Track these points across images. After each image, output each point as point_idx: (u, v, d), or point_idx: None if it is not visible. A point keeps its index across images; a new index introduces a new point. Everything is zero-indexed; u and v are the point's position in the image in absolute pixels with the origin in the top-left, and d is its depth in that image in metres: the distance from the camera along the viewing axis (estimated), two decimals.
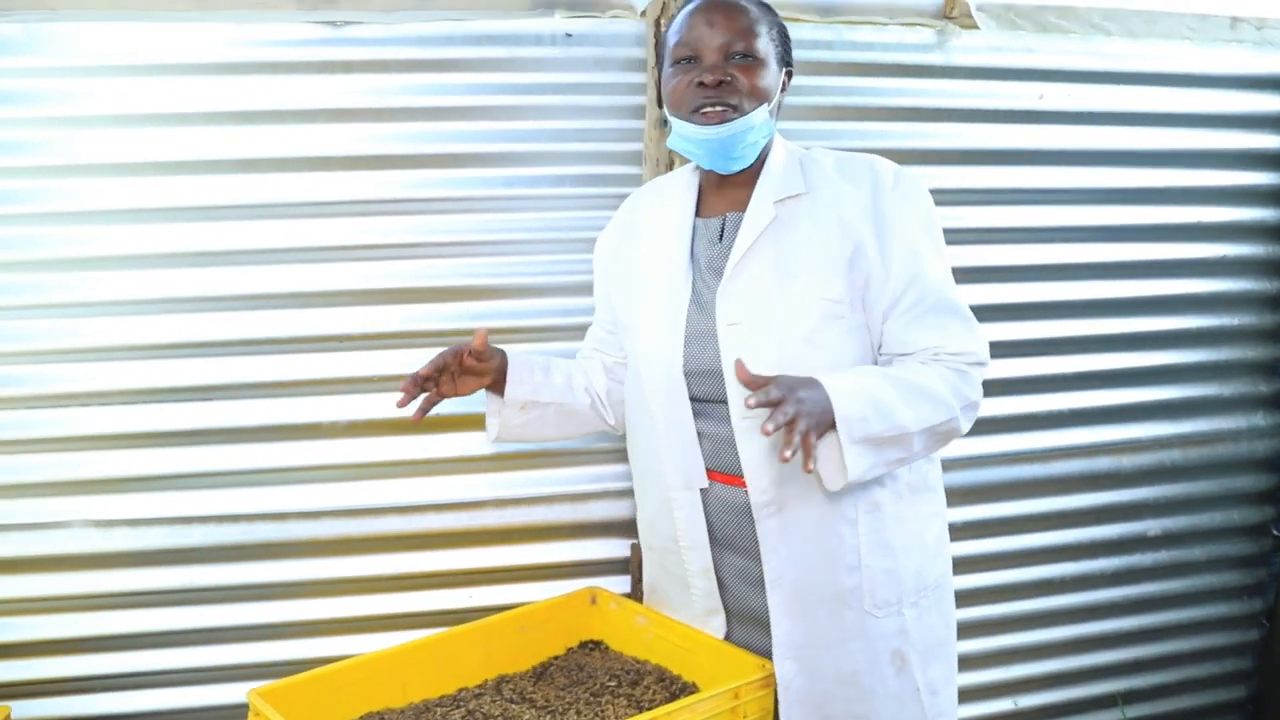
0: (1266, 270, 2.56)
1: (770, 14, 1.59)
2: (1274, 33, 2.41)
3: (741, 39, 1.52)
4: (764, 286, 1.54)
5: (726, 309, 1.55)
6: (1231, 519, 2.66)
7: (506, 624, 1.74)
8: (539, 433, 1.77)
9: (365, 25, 1.95)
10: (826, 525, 1.57)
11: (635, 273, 1.69)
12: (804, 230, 1.55)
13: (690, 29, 1.54)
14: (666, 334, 1.60)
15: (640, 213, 1.73)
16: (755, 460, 1.55)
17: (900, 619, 1.61)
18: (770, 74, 1.55)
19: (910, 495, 1.63)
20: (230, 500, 2.06)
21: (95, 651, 2.05)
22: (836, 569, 1.58)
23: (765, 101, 1.54)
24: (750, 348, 1.52)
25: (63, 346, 1.97)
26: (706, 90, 1.51)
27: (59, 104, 1.90)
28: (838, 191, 1.56)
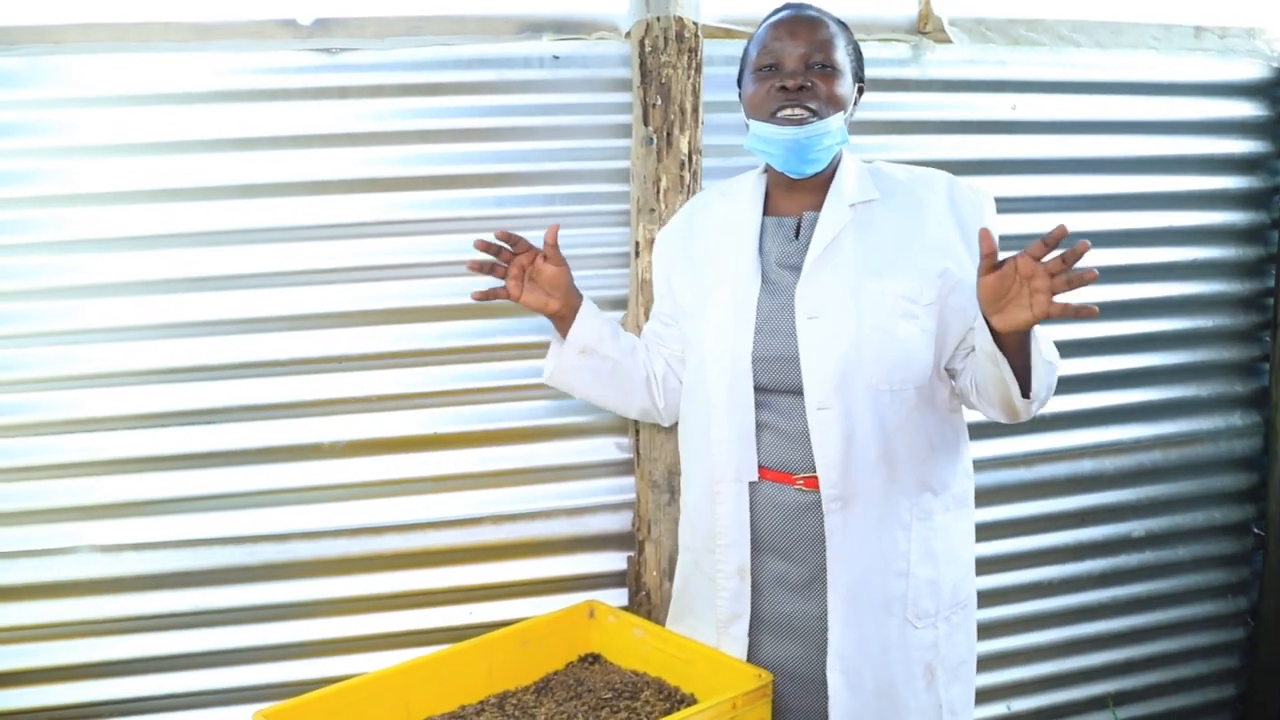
0: (1239, 272, 2.62)
1: (846, 31, 1.66)
2: (1237, 41, 2.48)
3: (821, 50, 1.59)
4: (844, 281, 1.59)
5: (806, 302, 1.59)
6: (1213, 518, 2.70)
7: (507, 640, 1.73)
8: (590, 386, 1.77)
9: (359, 51, 1.99)
10: (884, 526, 1.60)
11: (702, 264, 1.73)
12: (882, 232, 1.62)
13: (773, 39, 1.62)
14: (736, 320, 1.63)
15: (707, 210, 1.78)
16: (828, 449, 1.57)
17: (935, 632, 1.64)
18: (846, 84, 1.62)
19: (956, 508, 1.68)
20: (234, 522, 2.07)
21: (103, 677, 2.05)
22: (887, 574, 1.60)
23: (841, 110, 1.61)
24: (828, 338, 1.57)
25: (65, 373, 1.98)
26: (787, 94, 1.58)
27: (62, 134, 1.92)
28: (916, 199, 1.64)
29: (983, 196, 1.66)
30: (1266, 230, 2.62)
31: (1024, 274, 1.37)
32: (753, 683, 1.52)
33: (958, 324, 1.60)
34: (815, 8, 1.67)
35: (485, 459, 2.16)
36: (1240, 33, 2.49)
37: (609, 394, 1.80)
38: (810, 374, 1.58)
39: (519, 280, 1.64)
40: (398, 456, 2.12)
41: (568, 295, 1.68)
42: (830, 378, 1.57)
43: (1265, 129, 2.57)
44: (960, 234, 1.61)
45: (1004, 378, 1.47)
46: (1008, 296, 1.40)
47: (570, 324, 1.71)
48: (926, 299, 1.58)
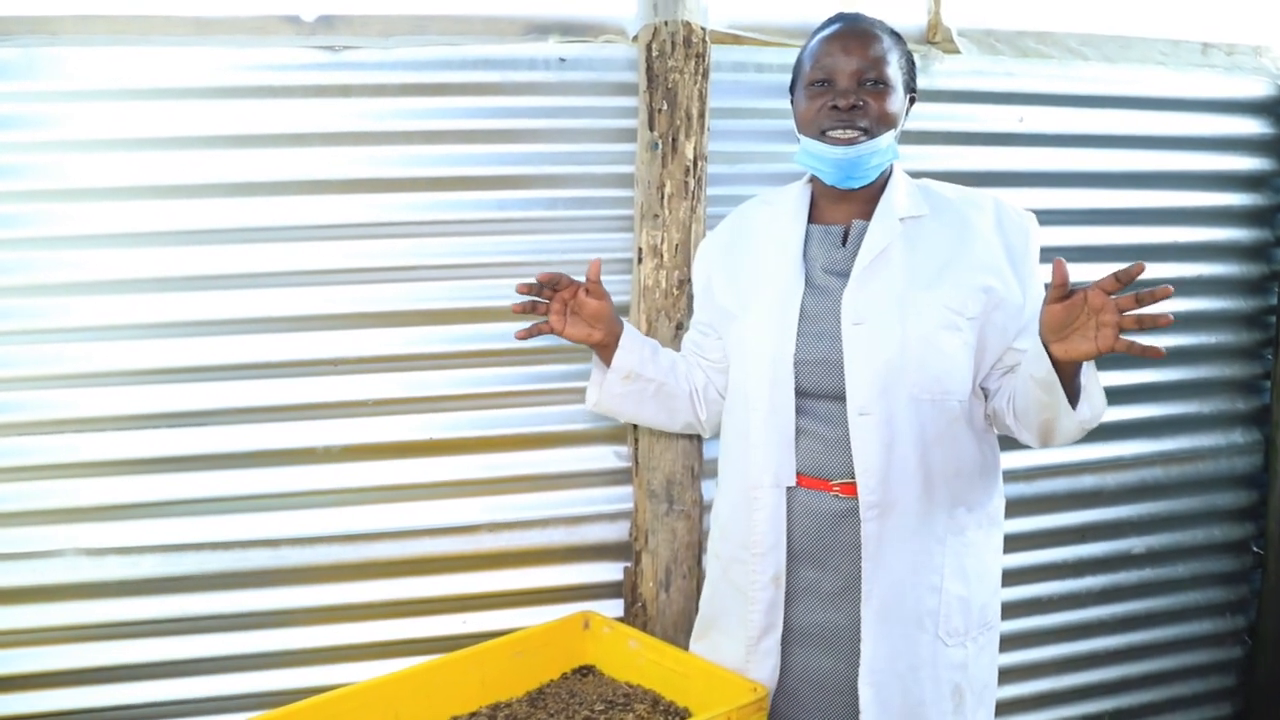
0: (1243, 289, 2.62)
1: (898, 41, 1.67)
2: (1243, 58, 2.48)
3: (874, 66, 1.60)
4: (891, 290, 1.60)
5: (853, 308, 1.61)
6: (1213, 536, 2.69)
7: (500, 650, 1.73)
8: (636, 409, 1.82)
9: (362, 50, 1.96)
10: (919, 538, 1.60)
11: (745, 268, 1.75)
12: (932, 247, 1.63)
13: (825, 55, 1.62)
14: (780, 322, 1.64)
15: (751, 219, 1.81)
16: (868, 455, 1.58)
17: (964, 651, 1.65)
18: (898, 100, 1.64)
19: (989, 526, 1.69)
20: (223, 527, 2.03)
21: (86, 684, 2.01)
22: (920, 588, 1.61)
23: (893, 126, 1.64)
24: (873, 345, 1.59)
25: (54, 372, 1.94)
26: (839, 114, 1.60)
27: (57, 128, 1.89)
28: (964, 218, 1.66)
29: (1028, 219, 1.70)
30: (1270, 248, 2.62)
31: (1093, 306, 1.37)
32: (748, 696, 1.52)
33: (996, 342, 1.62)
34: (868, 18, 1.67)
35: (482, 466, 2.14)
36: (1247, 50, 2.49)
37: (654, 415, 1.85)
38: (854, 379, 1.59)
39: (561, 315, 1.70)
40: (393, 462, 2.09)
41: (610, 325, 1.73)
42: (873, 384, 1.58)
43: (1270, 146, 2.57)
44: (1006, 255, 1.64)
45: (1055, 404, 1.47)
46: (1072, 326, 1.39)
47: (613, 351, 1.74)
48: (971, 312, 1.60)
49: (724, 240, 1.84)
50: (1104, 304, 1.35)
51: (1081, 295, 1.37)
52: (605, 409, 1.83)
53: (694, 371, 1.84)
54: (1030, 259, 1.68)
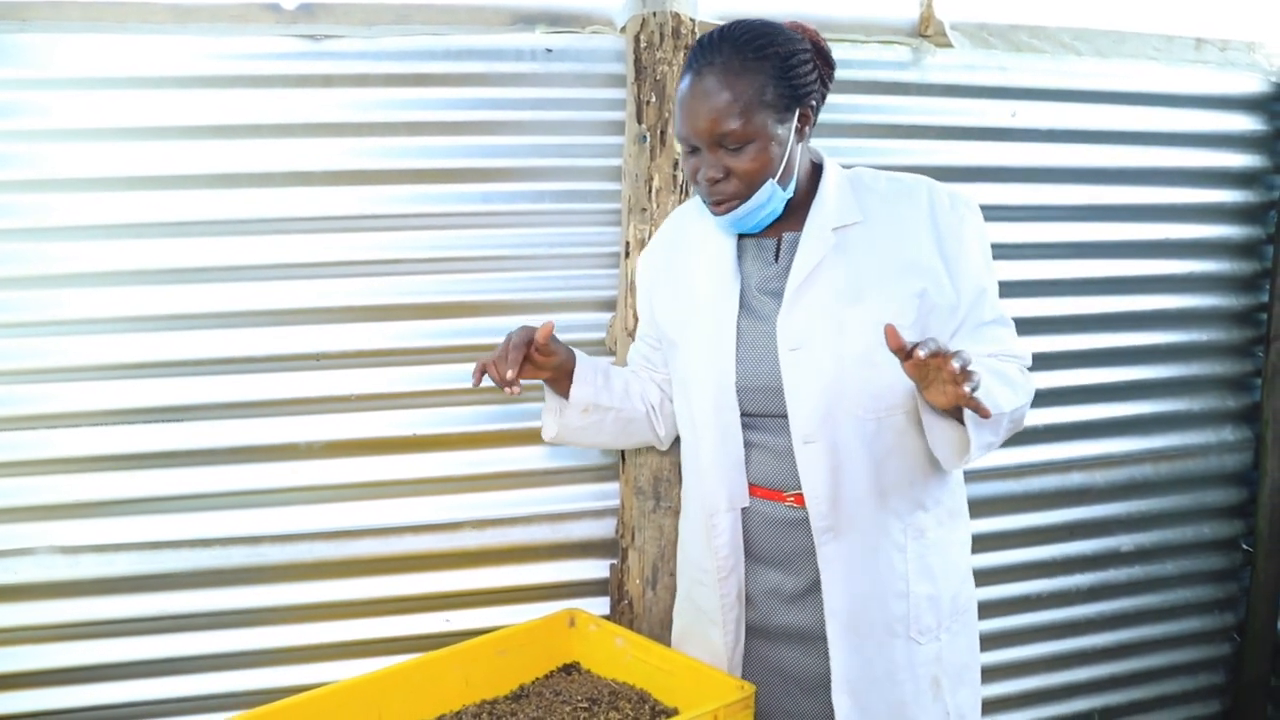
0: (1233, 286, 2.62)
1: (762, 64, 1.49)
2: (1237, 54, 2.47)
3: (728, 128, 1.48)
4: (825, 311, 1.55)
5: (788, 334, 1.57)
6: (1202, 533, 2.70)
7: (484, 648, 1.72)
8: (594, 438, 1.79)
9: (344, 39, 1.93)
10: (880, 551, 1.59)
11: (682, 288, 1.70)
12: (863, 257, 1.57)
13: (682, 118, 1.53)
14: (718, 349, 1.61)
15: (685, 228, 1.75)
16: (815, 482, 1.56)
17: (938, 644, 1.64)
18: (771, 146, 1.51)
19: (949, 521, 1.67)
20: (202, 524, 2.01)
21: (61, 684, 1.98)
22: (886, 595, 1.60)
23: (768, 178, 1.53)
24: (812, 370, 1.54)
25: (29, 366, 1.91)
26: (707, 186, 1.54)
27: (30, 117, 1.85)
28: (896, 217, 1.59)
29: (964, 206, 1.62)
30: (1261, 245, 2.62)
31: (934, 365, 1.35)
32: (735, 694, 1.52)
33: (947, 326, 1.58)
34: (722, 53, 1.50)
35: (466, 462, 2.12)
36: (1240, 46, 2.48)
37: (612, 439, 1.82)
38: (795, 406, 1.56)
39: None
40: (376, 458, 2.07)
41: (561, 364, 1.69)
42: (815, 410, 1.55)
43: (1263, 143, 2.57)
44: (938, 251, 1.57)
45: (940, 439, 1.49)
46: (928, 379, 1.38)
47: (566, 385, 1.71)
48: (907, 321, 1.54)
49: (661, 254, 1.79)
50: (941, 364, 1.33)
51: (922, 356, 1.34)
52: (564, 441, 1.80)
53: (648, 388, 1.82)
54: (965, 252, 1.59)
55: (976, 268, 1.59)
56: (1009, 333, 1.63)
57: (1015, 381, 1.55)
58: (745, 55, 1.49)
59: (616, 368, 1.80)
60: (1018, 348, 1.63)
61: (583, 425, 1.75)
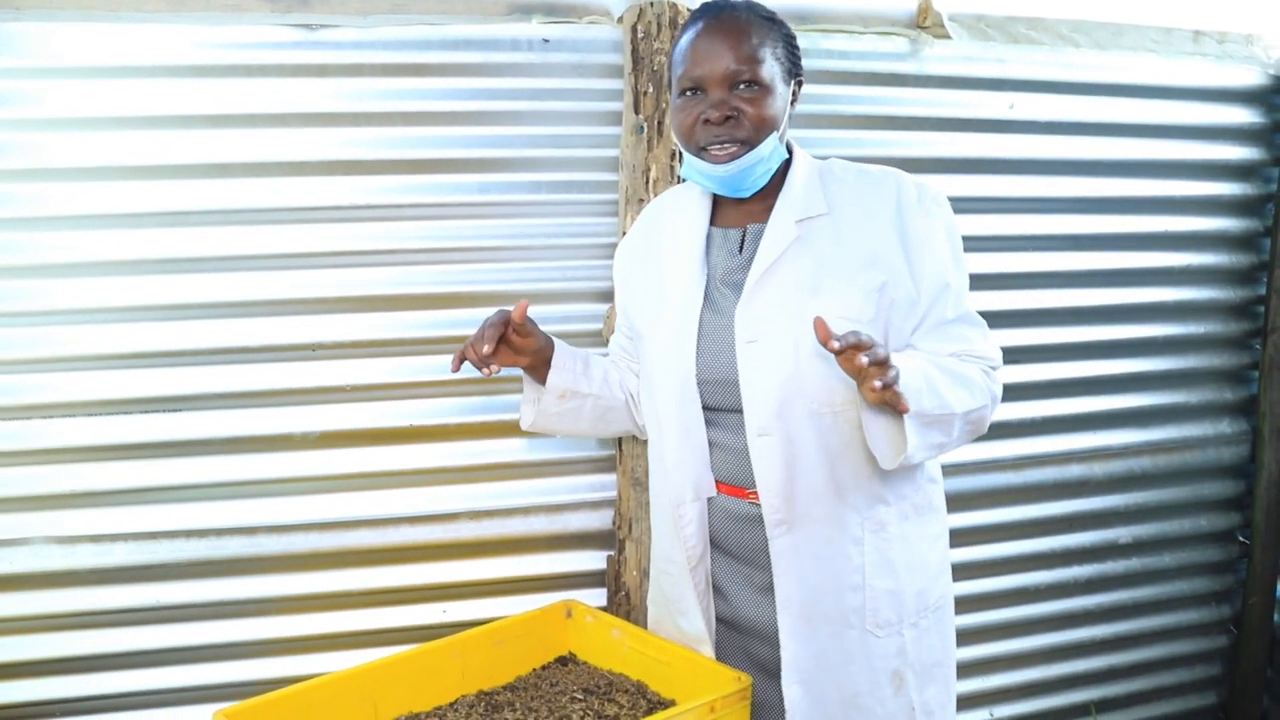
0: (1231, 278, 2.62)
1: (774, 27, 1.54)
2: (1235, 46, 2.47)
3: (746, 67, 1.49)
4: (783, 304, 1.53)
5: (745, 326, 1.55)
6: (1200, 525, 2.70)
7: (481, 639, 1.72)
8: (572, 425, 1.77)
9: (340, 29, 1.92)
10: (834, 544, 1.57)
11: (651, 280, 1.69)
12: (826, 250, 1.55)
13: (692, 60, 1.51)
14: (679, 342, 1.60)
15: (659, 221, 1.74)
16: (769, 475, 1.55)
17: (900, 639, 1.62)
18: (777, 99, 1.52)
19: (915, 516, 1.64)
20: (198, 514, 2.00)
21: (57, 674, 1.98)
22: (842, 588, 1.58)
23: (775, 129, 1.53)
24: (768, 363, 1.53)
25: (24, 356, 1.90)
26: (713, 128, 1.51)
27: (23, 106, 1.84)
28: (863, 209, 1.57)
29: (931, 200, 1.58)
30: (1259, 237, 2.62)
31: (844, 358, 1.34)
32: (731, 686, 1.51)
33: (895, 341, 1.55)
34: (737, 5, 1.54)
35: (463, 453, 2.11)
36: (1239, 38, 2.48)
37: (591, 428, 1.80)
38: (750, 399, 1.55)
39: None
40: (372, 448, 2.07)
41: (540, 350, 1.67)
42: (770, 403, 1.53)
43: (1260, 136, 2.57)
44: (901, 244, 1.54)
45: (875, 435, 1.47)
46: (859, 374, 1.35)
47: (544, 372, 1.69)
48: (867, 315, 1.52)
49: (635, 250, 1.77)
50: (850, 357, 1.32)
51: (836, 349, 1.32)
52: (542, 428, 1.78)
53: (627, 377, 1.81)
54: (929, 246, 1.56)
55: (940, 263, 1.55)
56: (976, 332, 1.59)
57: (972, 382, 1.52)
58: (761, 15, 1.54)
59: (597, 356, 1.79)
60: (983, 347, 1.59)
61: (559, 412, 1.74)
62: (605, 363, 1.80)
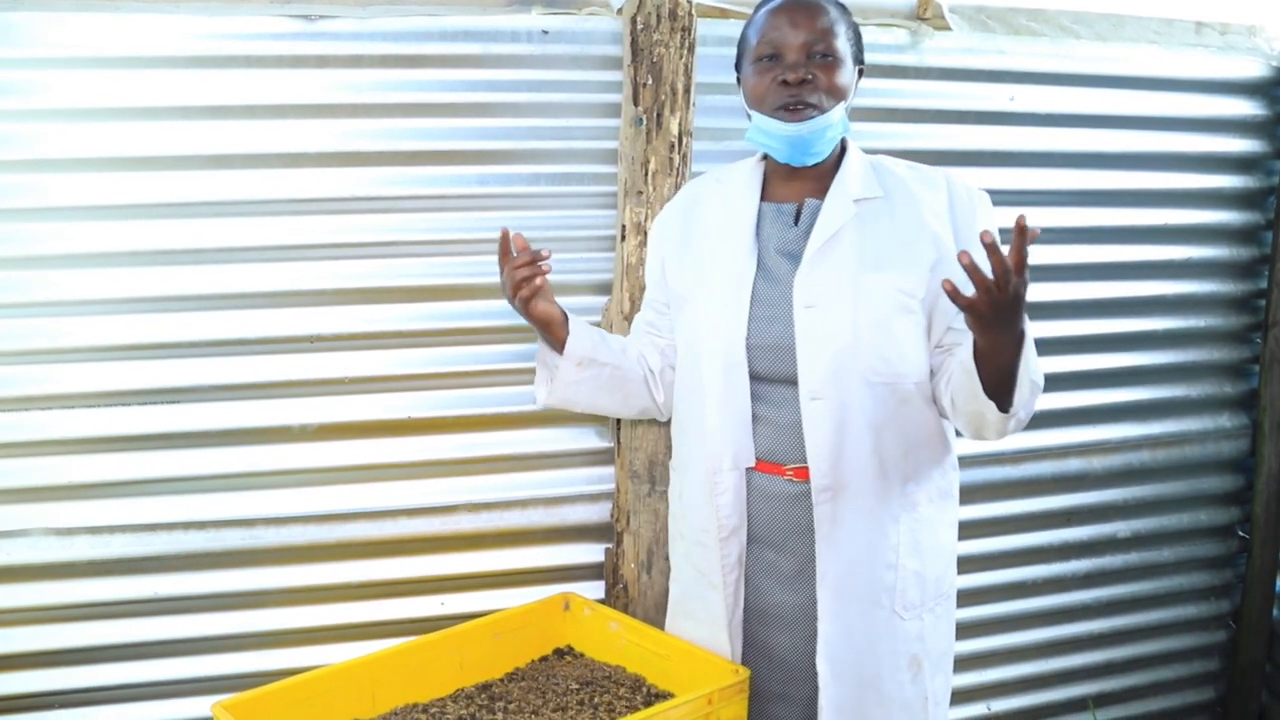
0: (1232, 272, 2.61)
1: (845, 13, 1.65)
2: (1237, 38, 2.46)
3: (822, 39, 1.59)
4: (843, 273, 1.59)
5: (805, 291, 1.59)
6: (1199, 520, 2.70)
7: (479, 631, 1.72)
8: (591, 397, 1.78)
9: (339, 19, 1.91)
10: (873, 518, 1.60)
11: (697, 249, 1.72)
12: (884, 228, 1.62)
13: (772, 28, 1.60)
14: (731, 306, 1.63)
15: (704, 198, 1.78)
16: (820, 440, 1.58)
17: (920, 624, 1.65)
18: (847, 72, 1.62)
19: (941, 500, 1.68)
20: (196, 506, 2.00)
21: (54, 666, 1.98)
22: (877, 566, 1.61)
23: (843, 99, 1.62)
24: (825, 329, 1.57)
25: (22, 347, 1.90)
26: (789, 89, 1.58)
27: (22, 96, 1.83)
28: (916, 197, 1.64)
29: (979, 198, 1.68)
30: (1261, 231, 2.61)
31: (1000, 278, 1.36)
32: (729, 678, 1.52)
33: (940, 323, 1.62)
34: None
35: (461, 445, 2.11)
36: (1241, 30, 2.47)
37: (610, 402, 1.81)
38: (806, 363, 1.58)
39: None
40: (370, 441, 2.07)
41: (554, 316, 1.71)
42: (826, 368, 1.57)
43: (1263, 128, 2.56)
44: (954, 235, 1.62)
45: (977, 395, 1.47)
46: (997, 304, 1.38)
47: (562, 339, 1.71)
48: (921, 293, 1.59)
49: (677, 221, 1.81)
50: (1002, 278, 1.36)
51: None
52: (559, 400, 1.79)
53: (649, 353, 1.83)
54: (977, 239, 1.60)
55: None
56: None
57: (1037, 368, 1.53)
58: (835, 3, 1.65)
59: (615, 334, 1.83)
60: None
61: (577, 380, 1.74)
62: (624, 339, 1.83)
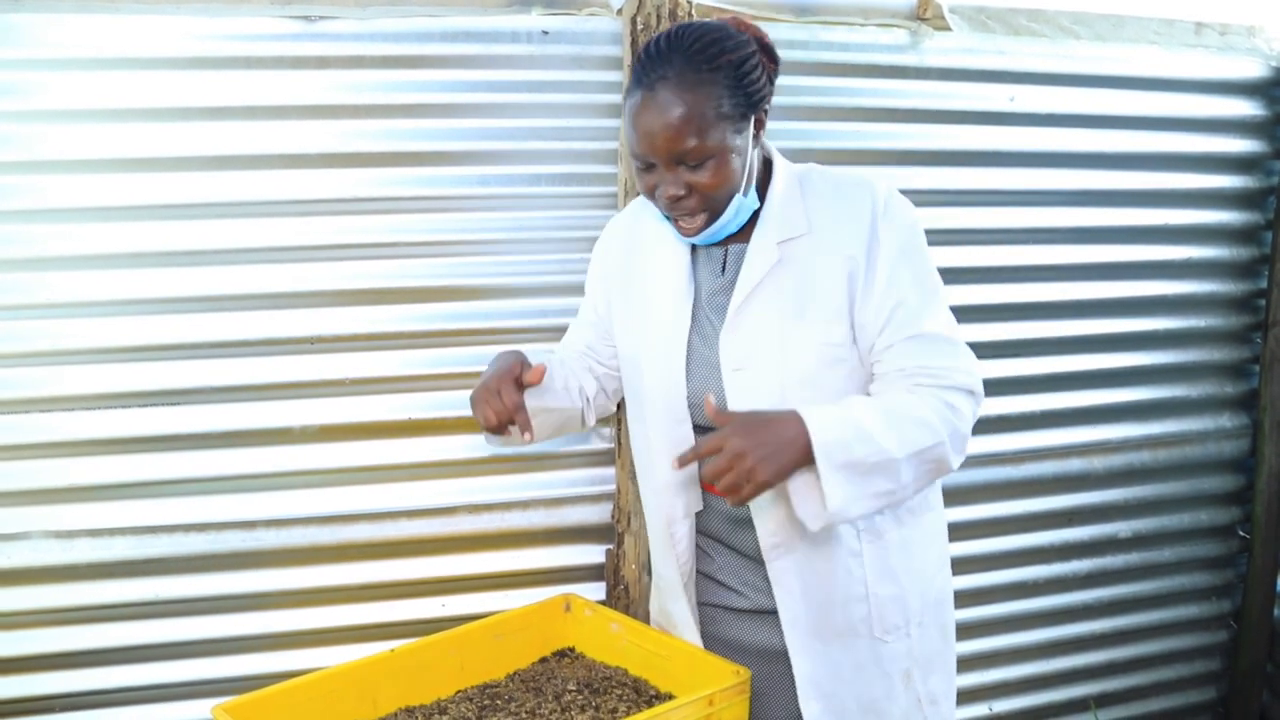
0: (1232, 272, 2.61)
1: (714, 74, 1.41)
2: (1237, 38, 2.46)
3: (686, 143, 1.39)
4: (767, 330, 1.51)
5: (730, 355, 1.53)
6: (1200, 520, 2.70)
7: (480, 633, 1.71)
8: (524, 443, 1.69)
9: (339, 20, 1.91)
10: (833, 559, 1.56)
11: (636, 295, 1.65)
12: (806, 272, 1.51)
13: (636, 137, 1.43)
14: (670, 367, 1.58)
15: (643, 225, 1.68)
16: (763, 503, 1.53)
17: (908, 640, 1.62)
18: (733, 158, 1.44)
19: (911, 520, 1.62)
20: (197, 508, 2.00)
21: (56, 669, 1.98)
22: (847, 600, 1.57)
23: (735, 191, 1.46)
24: (754, 392, 1.51)
25: (22, 350, 1.90)
26: (670, 204, 1.46)
27: (23, 98, 1.83)
28: (838, 226, 1.51)
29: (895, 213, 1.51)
30: (1260, 231, 2.62)
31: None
32: (730, 679, 1.51)
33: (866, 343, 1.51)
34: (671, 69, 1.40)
35: (462, 446, 2.11)
36: (1241, 30, 2.48)
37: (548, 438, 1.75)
38: None
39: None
40: (371, 442, 2.07)
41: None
42: None
43: (1262, 128, 2.56)
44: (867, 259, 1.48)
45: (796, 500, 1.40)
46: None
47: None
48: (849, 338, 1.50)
49: (618, 252, 1.72)
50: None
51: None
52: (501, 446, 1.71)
53: (585, 381, 1.75)
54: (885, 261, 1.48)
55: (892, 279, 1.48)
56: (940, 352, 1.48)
57: (923, 420, 1.41)
58: (699, 67, 1.40)
59: (557, 359, 1.71)
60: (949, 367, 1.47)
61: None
62: (563, 370, 1.72)
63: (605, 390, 1.78)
